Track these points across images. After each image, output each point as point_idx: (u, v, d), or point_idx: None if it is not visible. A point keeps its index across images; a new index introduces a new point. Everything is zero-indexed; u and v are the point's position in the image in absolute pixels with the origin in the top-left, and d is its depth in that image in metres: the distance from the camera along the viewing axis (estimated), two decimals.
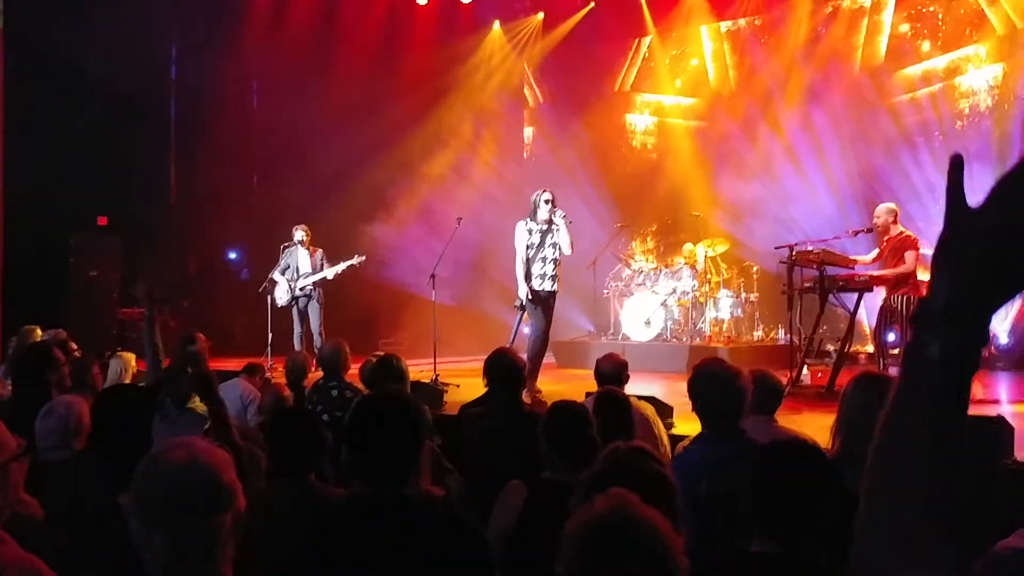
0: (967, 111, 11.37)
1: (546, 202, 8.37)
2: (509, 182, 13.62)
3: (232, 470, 1.97)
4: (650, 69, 13.99)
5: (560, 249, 8.33)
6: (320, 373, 5.91)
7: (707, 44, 13.56)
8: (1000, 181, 0.94)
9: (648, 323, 11.29)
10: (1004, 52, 11.12)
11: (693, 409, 3.59)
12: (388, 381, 4.88)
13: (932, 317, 0.91)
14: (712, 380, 3.45)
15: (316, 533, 2.54)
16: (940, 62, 11.64)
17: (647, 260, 12.40)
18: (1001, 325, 10.72)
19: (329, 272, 10.34)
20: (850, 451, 3.16)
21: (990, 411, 6.69)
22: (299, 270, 10.48)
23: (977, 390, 8.51)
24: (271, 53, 13.06)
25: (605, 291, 12.18)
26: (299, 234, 10.57)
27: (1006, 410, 7.08)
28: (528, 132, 14.56)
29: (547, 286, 8.34)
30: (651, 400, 5.33)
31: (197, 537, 1.90)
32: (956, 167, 0.97)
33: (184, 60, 13.44)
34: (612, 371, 4.92)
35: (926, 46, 11.75)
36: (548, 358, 11.53)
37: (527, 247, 8.28)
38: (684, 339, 11.27)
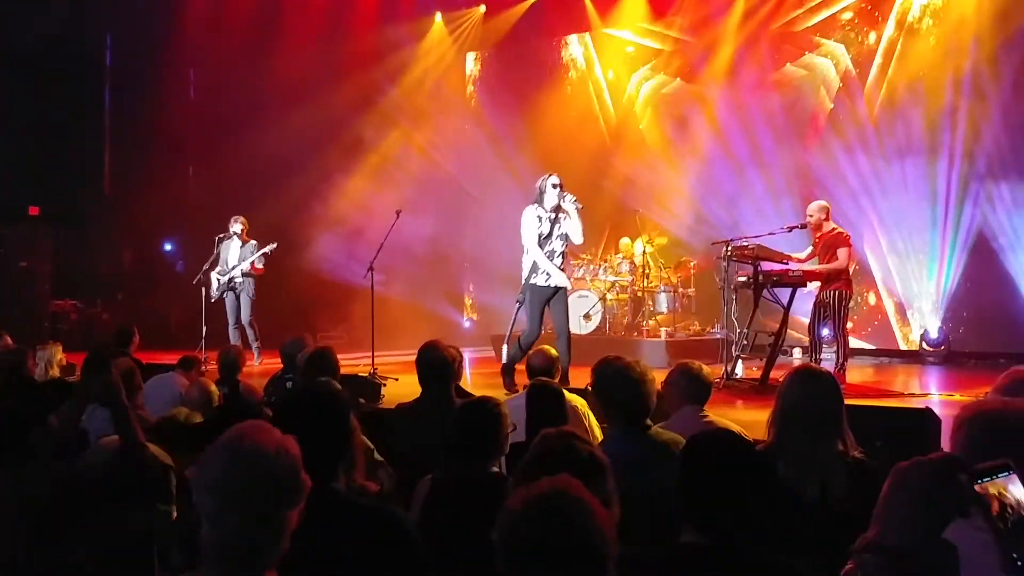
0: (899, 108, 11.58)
1: (554, 186, 7.74)
2: (449, 174, 13.60)
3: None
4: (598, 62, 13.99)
5: (569, 239, 7.83)
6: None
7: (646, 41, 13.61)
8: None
9: (588, 317, 11.35)
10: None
11: (600, 407, 3.59)
12: (320, 374, 4.84)
13: (863, 549, 1.19)
14: (615, 379, 3.46)
15: None
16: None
17: (587, 255, 12.44)
18: (931, 320, 10.98)
19: (245, 264, 10.26)
20: (783, 443, 3.20)
21: (918, 403, 6.88)
22: (228, 262, 10.39)
23: (904, 383, 8.71)
24: (209, 43, 12.88)
25: None
26: (236, 226, 10.48)
27: (934, 402, 7.27)
28: (468, 124, 14.53)
29: (555, 282, 7.80)
30: (584, 393, 5.36)
31: (270, 526, 1.89)
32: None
33: (119, 47, 13.18)
34: (542, 366, 4.94)
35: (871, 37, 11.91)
36: (487, 351, 11.61)
37: (537, 236, 7.75)
38: (623, 333, 11.36)
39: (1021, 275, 10.36)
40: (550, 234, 7.76)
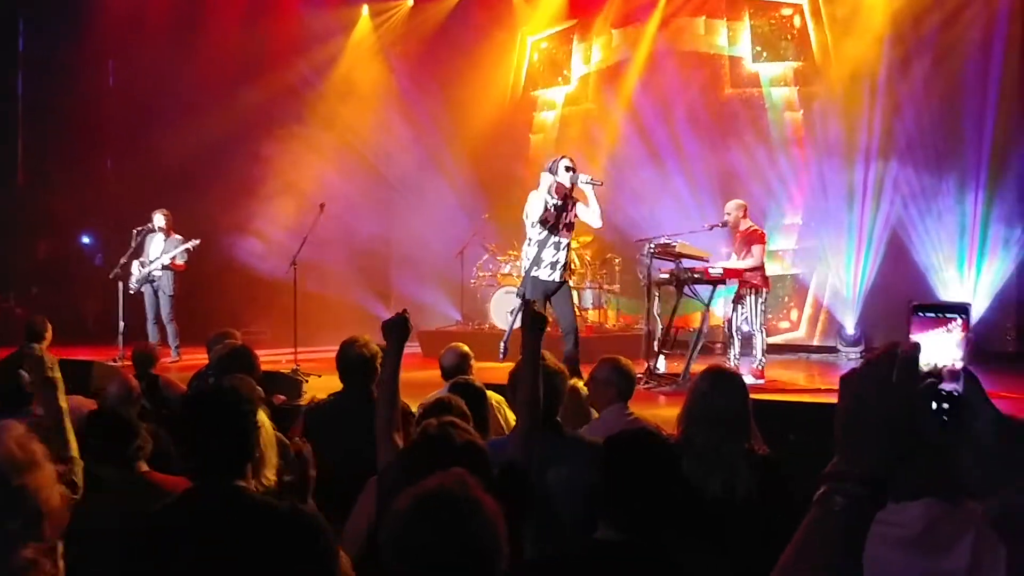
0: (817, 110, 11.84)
1: (567, 169, 7.18)
2: (375, 168, 13.49)
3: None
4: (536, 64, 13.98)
5: (587, 221, 7.40)
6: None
7: (576, 46, 13.65)
8: (864, 371, 1.15)
9: (514, 313, 11.36)
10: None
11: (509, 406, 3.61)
12: (237, 372, 4.77)
13: (833, 477, 1.12)
14: (546, 376, 3.49)
15: (146, 527, 2.47)
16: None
17: (513, 251, 12.47)
18: (848, 317, 11.25)
19: (165, 258, 10.08)
20: (690, 440, 3.26)
21: (833, 398, 7.04)
22: (150, 255, 10.19)
23: (820, 379, 8.92)
24: (129, 32, 12.58)
25: (472, 280, 12.23)
26: (159, 219, 10.27)
27: None
28: (393, 118, 14.42)
29: (556, 276, 7.31)
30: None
31: None
32: (847, 377, 1.17)
33: (32, 33, 12.79)
34: (454, 364, 4.92)
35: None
36: (413, 348, 11.56)
37: (541, 223, 7.28)
38: (549, 328, 11.37)
39: (933, 272, 10.66)
40: (556, 224, 7.21)
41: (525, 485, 2.97)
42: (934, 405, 1.14)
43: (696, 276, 8.11)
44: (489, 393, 4.21)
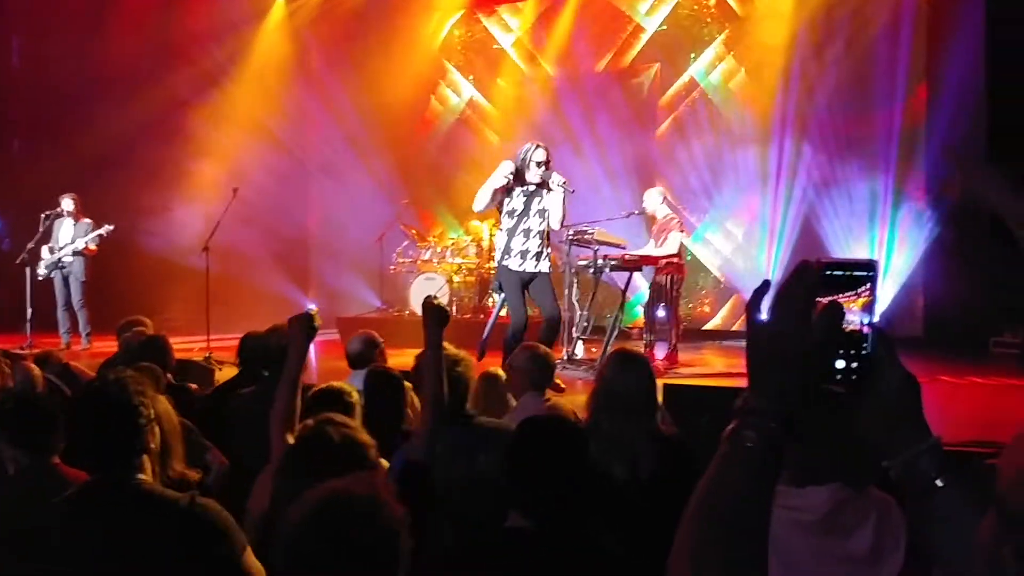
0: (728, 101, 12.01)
1: (538, 164, 6.76)
2: (293, 153, 13.28)
3: None
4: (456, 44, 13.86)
5: (548, 220, 6.90)
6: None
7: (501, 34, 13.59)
8: (775, 296, 1.12)
9: (434, 299, 11.29)
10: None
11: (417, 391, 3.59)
12: (147, 360, 4.67)
13: (744, 411, 1.10)
14: (450, 365, 3.47)
15: (42, 519, 2.40)
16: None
17: (434, 237, 12.42)
18: (762, 302, 11.44)
19: (80, 243, 9.81)
20: (597, 423, 3.29)
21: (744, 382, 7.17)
22: (59, 240, 9.89)
23: (733, 364, 9.08)
24: (35, 10, 12.14)
25: (392, 267, 12.14)
26: (67, 203, 10.01)
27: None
28: (311, 103, 14.19)
29: (530, 266, 6.91)
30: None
31: None
32: (762, 285, 1.15)
33: None
34: (356, 351, 4.86)
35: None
36: (331, 334, 11.42)
37: (506, 212, 6.90)
38: (469, 315, 11.40)
39: (844, 255, 10.90)
40: (526, 210, 6.82)
41: (427, 482, 2.97)
42: (842, 364, 1.13)
43: (613, 263, 8.17)
44: None
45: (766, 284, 1.17)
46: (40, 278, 9.96)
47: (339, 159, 13.30)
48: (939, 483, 1.13)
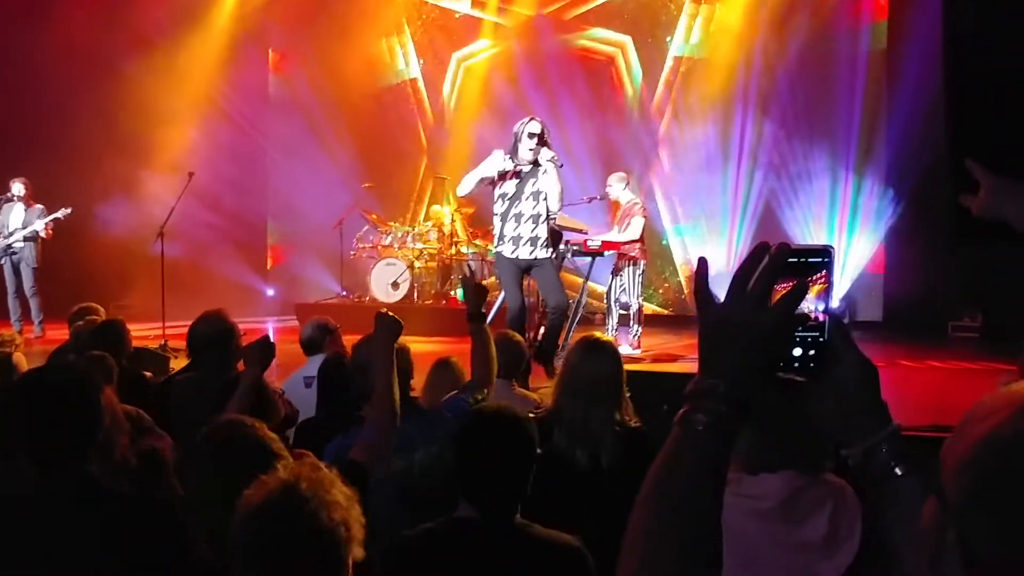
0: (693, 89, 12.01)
1: (531, 136, 6.28)
2: (250, 136, 13.09)
3: None
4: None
5: (547, 202, 6.43)
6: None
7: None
8: (732, 279, 1.10)
9: (395, 286, 11.23)
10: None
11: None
12: (105, 349, 4.56)
13: (696, 395, 1.07)
14: (366, 359, 3.41)
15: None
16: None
17: (396, 222, 12.30)
18: (721, 287, 11.47)
19: (38, 225, 9.60)
20: (561, 410, 3.25)
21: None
22: (9, 226, 9.67)
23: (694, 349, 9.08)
24: None
25: (352, 252, 12.01)
26: (17, 187, 9.79)
27: None
28: (271, 84, 13.99)
29: (524, 253, 6.47)
30: None
31: None
32: (701, 265, 1.13)
33: None
34: (308, 337, 4.79)
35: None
36: (290, 321, 11.30)
37: (498, 196, 6.52)
38: (431, 301, 11.32)
39: (806, 241, 10.96)
40: (518, 193, 6.39)
41: (365, 484, 2.92)
42: (798, 352, 1.11)
43: (575, 248, 8.12)
44: None
45: (703, 262, 1.14)
46: None
47: (298, 142, 13.13)
48: (898, 471, 1.11)
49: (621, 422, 3.21)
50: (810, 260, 1.12)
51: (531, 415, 2.98)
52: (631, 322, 8.36)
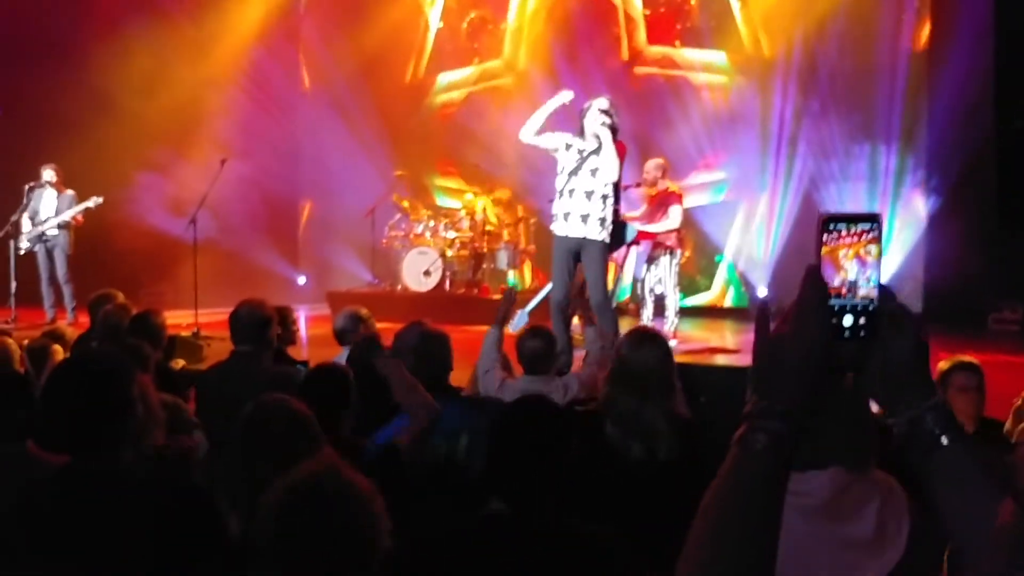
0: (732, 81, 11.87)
1: (600, 111, 6.17)
2: (282, 125, 13.09)
3: None
4: (444, 48, 13.63)
5: (603, 176, 6.18)
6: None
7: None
8: (793, 306, 1.11)
9: (427, 274, 11.21)
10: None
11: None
12: (142, 339, 4.58)
13: (754, 415, 1.09)
14: (404, 345, 3.39)
15: (17, 505, 2.29)
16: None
17: (427, 210, 12.27)
18: (761, 280, 11.37)
19: (66, 215, 9.66)
20: (612, 402, 3.21)
21: (744, 361, 7.09)
22: (41, 213, 9.73)
23: (732, 341, 9.00)
24: None
25: (384, 240, 12.00)
26: (48, 174, 9.84)
27: None
28: (299, 68, 13.98)
29: (572, 230, 6.21)
30: None
31: None
32: (761, 311, 1.16)
33: None
34: (340, 327, 4.76)
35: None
36: (322, 309, 11.31)
37: (560, 170, 6.32)
38: (463, 290, 11.29)
39: None
40: (577, 168, 6.20)
41: (399, 467, 2.96)
42: (849, 321, 1.11)
43: None
44: None
45: (766, 304, 1.18)
46: (22, 252, 9.80)
47: (327, 127, 13.11)
48: (944, 440, 1.12)
49: (672, 413, 3.16)
50: (859, 225, 1.13)
51: (581, 408, 2.99)
52: (667, 312, 8.26)
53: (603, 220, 6.24)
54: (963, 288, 10.03)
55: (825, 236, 1.13)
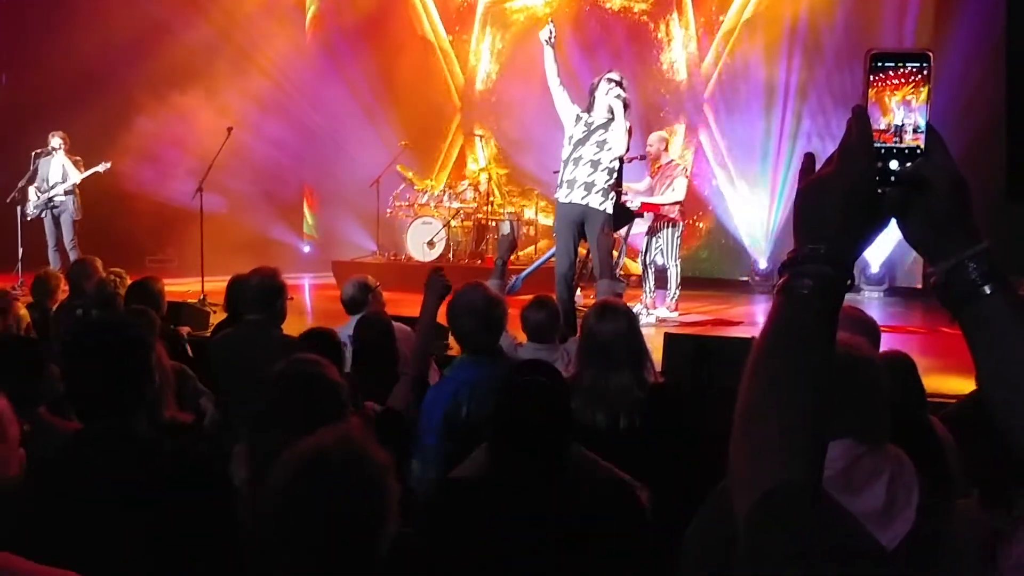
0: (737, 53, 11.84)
1: (609, 80, 6.23)
2: (287, 93, 13.06)
3: None
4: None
5: (611, 149, 6.21)
6: None
7: None
8: (839, 149, 1.08)
9: (431, 244, 11.23)
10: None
11: (452, 334, 3.58)
12: (138, 304, 4.62)
13: (797, 261, 1.05)
14: (467, 306, 3.43)
15: (35, 475, 2.32)
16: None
17: (432, 180, 12.27)
18: (762, 252, 11.38)
19: (73, 180, 9.66)
20: (581, 373, 3.27)
21: (745, 332, 7.12)
22: (49, 179, 9.74)
23: (734, 313, 9.01)
24: None
25: (388, 210, 12.00)
26: (55, 140, 9.85)
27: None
28: (307, 41, 13.95)
29: (576, 197, 6.22)
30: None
31: None
32: (807, 156, 1.13)
33: None
34: (349, 296, 4.79)
35: None
36: (327, 277, 11.35)
37: (567, 138, 6.37)
38: (466, 260, 11.31)
39: None
40: (584, 139, 6.23)
41: (402, 430, 3.05)
42: (895, 165, 1.07)
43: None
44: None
45: (811, 154, 1.14)
46: (29, 218, 9.83)
47: (334, 98, 13.09)
48: (986, 290, 1.05)
49: (642, 382, 3.21)
50: (907, 65, 1.08)
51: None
52: (668, 284, 8.29)
53: (606, 192, 6.27)
54: None
55: (872, 76, 1.09)
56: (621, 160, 6.44)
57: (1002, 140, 9.41)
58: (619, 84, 6.27)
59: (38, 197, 9.78)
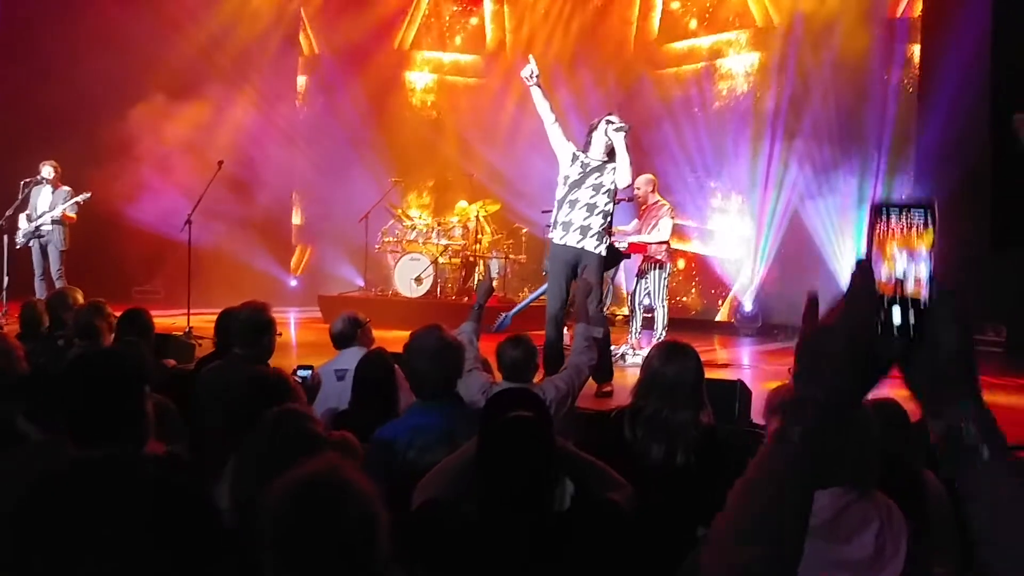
0: (725, 92, 11.99)
1: (608, 123, 6.17)
2: (279, 128, 13.12)
3: None
4: (430, 26, 13.84)
5: (609, 192, 6.18)
6: None
7: (488, 4, 13.56)
8: (842, 301, 1.09)
9: (419, 281, 11.23)
10: (760, 43, 11.80)
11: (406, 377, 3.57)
12: (130, 335, 4.61)
13: (792, 408, 1.09)
14: (419, 349, 3.43)
15: (24, 501, 2.30)
16: (705, 42, 12.21)
17: (421, 217, 12.31)
18: (747, 295, 11.44)
19: (58, 211, 9.65)
20: (640, 408, 3.31)
21: (731, 375, 7.14)
22: (38, 208, 9.73)
23: (721, 355, 9.05)
24: None
25: (376, 246, 12.02)
26: (47, 170, 9.84)
27: (746, 374, 7.56)
28: (302, 80, 14.06)
29: (571, 240, 6.17)
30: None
31: None
32: (811, 300, 1.14)
33: None
34: (339, 331, 4.78)
35: (693, 24, 12.29)
36: (313, 312, 11.33)
37: (562, 178, 6.29)
38: (453, 297, 11.32)
39: (831, 257, 10.87)
40: (580, 181, 6.19)
41: (393, 462, 3.07)
42: (898, 317, 1.06)
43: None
44: None
45: (815, 297, 1.14)
46: (18, 246, 9.80)
47: (326, 134, 13.17)
48: (984, 453, 1.05)
49: (698, 422, 3.24)
50: (912, 211, 1.08)
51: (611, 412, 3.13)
52: (655, 325, 8.32)
53: (601, 235, 6.26)
54: None
55: (877, 226, 1.08)
56: (614, 201, 6.44)
57: (987, 190, 9.51)
58: (618, 124, 6.22)
59: (26, 226, 9.75)
